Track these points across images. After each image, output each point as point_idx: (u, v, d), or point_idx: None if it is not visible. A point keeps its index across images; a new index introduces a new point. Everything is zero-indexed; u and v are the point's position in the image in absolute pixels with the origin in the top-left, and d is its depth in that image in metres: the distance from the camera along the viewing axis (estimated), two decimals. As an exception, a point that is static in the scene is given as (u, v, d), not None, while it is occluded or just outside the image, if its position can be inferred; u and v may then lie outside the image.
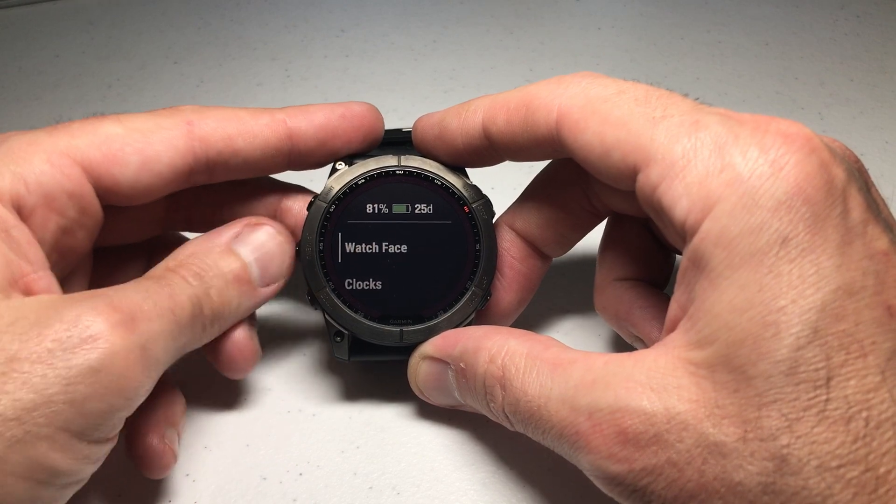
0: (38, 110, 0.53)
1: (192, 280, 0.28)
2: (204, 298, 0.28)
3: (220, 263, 0.29)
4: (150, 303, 0.26)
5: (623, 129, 0.25)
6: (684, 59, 0.57)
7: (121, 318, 0.24)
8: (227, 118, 0.31)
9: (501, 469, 0.32)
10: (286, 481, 0.32)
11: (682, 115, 0.24)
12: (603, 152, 0.25)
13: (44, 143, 0.27)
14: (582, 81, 0.27)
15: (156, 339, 0.26)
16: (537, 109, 0.27)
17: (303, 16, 0.62)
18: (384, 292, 0.31)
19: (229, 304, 0.29)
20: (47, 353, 0.23)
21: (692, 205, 0.23)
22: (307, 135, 0.31)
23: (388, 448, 0.33)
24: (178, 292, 0.27)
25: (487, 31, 0.60)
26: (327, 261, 0.31)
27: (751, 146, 0.22)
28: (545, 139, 0.27)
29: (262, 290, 0.31)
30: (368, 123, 0.32)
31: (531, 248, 0.33)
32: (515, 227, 0.33)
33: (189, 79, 0.56)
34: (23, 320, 0.23)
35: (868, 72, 0.55)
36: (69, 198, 0.27)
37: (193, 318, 0.27)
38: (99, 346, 0.23)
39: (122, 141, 0.28)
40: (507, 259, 0.33)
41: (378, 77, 0.56)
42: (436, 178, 0.32)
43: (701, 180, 0.23)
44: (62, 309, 0.24)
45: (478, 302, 0.32)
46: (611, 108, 0.25)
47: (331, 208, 0.31)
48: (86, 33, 0.61)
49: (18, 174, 0.26)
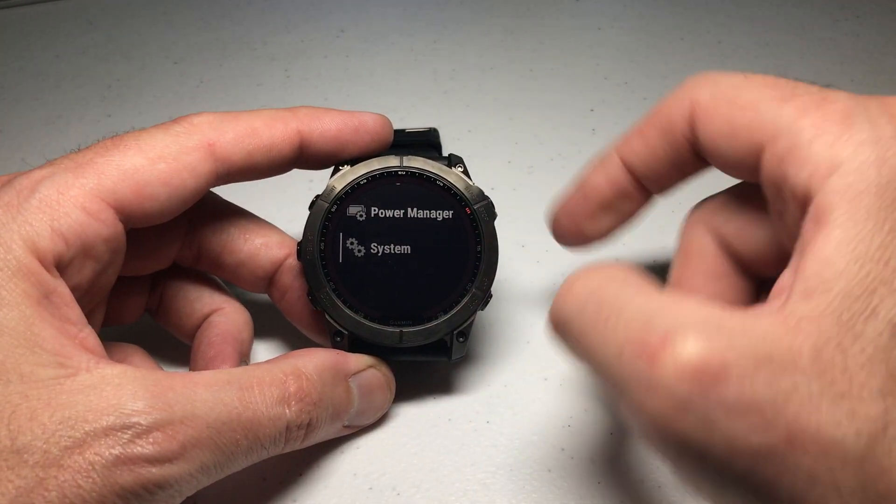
0: (38, 110, 0.53)
1: (306, 410, 0.28)
2: (299, 427, 0.28)
3: (336, 396, 0.29)
4: (223, 434, 0.25)
5: (752, 110, 0.25)
6: (684, 59, 0.57)
7: (174, 450, 0.24)
8: (245, 134, 0.30)
9: (501, 470, 0.32)
10: (286, 482, 0.32)
11: (811, 94, 0.24)
12: (731, 134, 0.25)
13: (74, 187, 0.26)
14: (710, 76, 0.27)
15: (209, 470, 0.25)
16: (672, 112, 0.27)
17: (303, 16, 0.62)
18: (385, 293, 0.31)
19: (315, 437, 0.29)
20: (89, 465, 0.22)
21: (818, 165, 0.22)
22: (318, 145, 0.31)
23: (388, 448, 0.33)
24: (275, 417, 0.27)
25: (487, 31, 0.60)
26: (328, 261, 0.31)
27: (879, 115, 0.22)
28: (684, 137, 0.27)
29: (343, 428, 0.31)
30: (380, 138, 0.32)
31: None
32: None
33: (189, 79, 0.56)
34: (76, 422, 0.23)
35: (868, 72, 0.55)
36: (104, 243, 0.27)
37: (273, 444, 0.27)
38: (142, 475, 0.23)
39: (148, 174, 0.28)
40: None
41: (378, 77, 0.56)
42: (438, 179, 0.32)
43: (829, 144, 0.22)
44: (121, 415, 0.23)
45: (478, 304, 0.32)
46: (739, 92, 0.25)
47: (332, 208, 0.31)
48: (86, 33, 0.61)
49: (57, 230, 0.26)
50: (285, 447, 0.28)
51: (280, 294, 0.34)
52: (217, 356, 0.32)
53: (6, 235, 0.25)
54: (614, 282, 0.23)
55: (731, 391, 0.19)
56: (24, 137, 0.51)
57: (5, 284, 0.24)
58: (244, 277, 0.33)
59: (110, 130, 0.50)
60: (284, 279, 0.33)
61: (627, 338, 0.21)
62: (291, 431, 0.28)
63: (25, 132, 0.51)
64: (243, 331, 0.34)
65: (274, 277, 0.34)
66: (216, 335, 0.33)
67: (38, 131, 0.51)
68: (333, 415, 0.30)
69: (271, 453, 0.28)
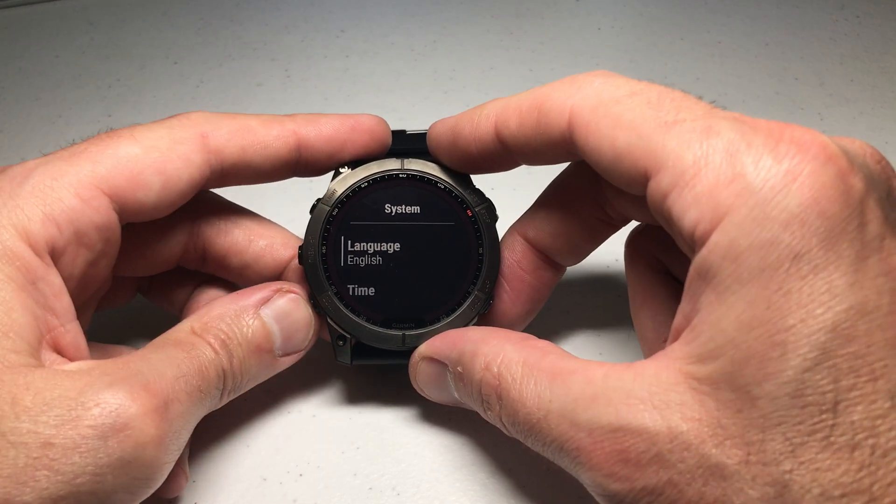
0: (38, 110, 0.53)
1: (219, 349, 0.28)
2: (228, 369, 0.28)
3: (246, 330, 0.29)
4: (182, 382, 0.26)
5: (634, 134, 0.24)
6: (684, 59, 0.57)
7: (155, 405, 0.24)
8: (238, 129, 0.30)
9: (501, 470, 0.32)
10: (286, 482, 0.32)
11: (695, 121, 0.23)
12: (614, 157, 0.25)
13: (68, 174, 0.27)
14: (595, 81, 0.26)
15: (185, 421, 0.26)
16: (549, 111, 0.27)
17: (303, 16, 0.62)
18: (387, 296, 0.31)
19: (247, 374, 0.30)
20: (81, 439, 0.22)
21: (701, 215, 0.22)
22: (315, 147, 0.31)
23: (388, 449, 0.33)
24: (206, 365, 0.27)
25: (487, 31, 0.60)
26: (330, 264, 0.31)
27: (764, 154, 0.22)
28: (558, 141, 0.27)
29: (282, 359, 0.31)
30: (377, 137, 0.32)
31: (543, 259, 0.33)
32: (528, 237, 0.32)
33: (189, 79, 0.56)
34: (60, 400, 0.23)
35: (868, 72, 0.55)
36: (98, 231, 0.27)
37: (218, 390, 0.28)
38: (132, 436, 0.23)
39: (142, 162, 0.28)
40: (517, 271, 0.32)
41: (378, 77, 0.56)
42: (439, 182, 0.32)
43: (711, 190, 0.22)
44: (99, 389, 0.23)
45: (480, 306, 0.32)
46: (622, 110, 0.25)
47: (333, 212, 0.31)
48: (86, 33, 0.61)
49: (50, 215, 0.26)
50: (224, 388, 0.28)
51: None
52: None
53: None
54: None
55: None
56: (24, 137, 0.51)
57: None
58: (250, 279, 0.33)
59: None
60: (289, 279, 0.33)
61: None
62: (226, 372, 0.28)
63: (25, 132, 0.51)
64: None
65: (279, 278, 0.33)
66: (205, 302, 0.33)
67: (38, 131, 0.51)
68: (253, 348, 0.29)
69: (217, 399, 0.28)
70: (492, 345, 0.27)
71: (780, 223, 0.21)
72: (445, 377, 0.30)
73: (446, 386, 0.30)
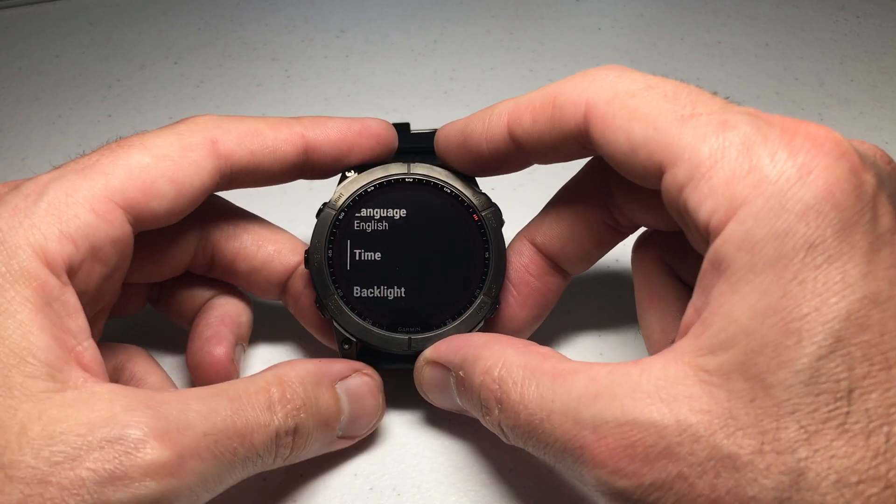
0: (38, 110, 0.53)
1: (282, 414, 0.27)
2: (287, 435, 0.27)
3: (321, 401, 0.29)
4: (212, 440, 0.24)
5: (650, 127, 0.24)
6: (684, 60, 0.57)
7: (167, 459, 0.23)
8: (247, 133, 0.30)
9: (503, 471, 0.32)
10: (287, 482, 0.32)
11: (711, 115, 0.23)
12: (630, 149, 0.25)
13: (82, 189, 0.26)
14: (610, 75, 0.26)
15: (203, 480, 0.24)
16: (564, 104, 0.27)
17: (303, 16, 0.62)
18: (393, 300, 0.31)
19: (311, 445, 0.29)
20: (78, 481, 0.22)
21: (717, 206, 0.22)
22: (323, 150, 0.31)
23: (388, 449, 0.33)
24: (253, 428, 0.26)
25: (487, 31, 0.60)
26: (336, 268, 0.31)
27: (779, 149, 0.22)
28: (573, 135, 0.27)
29: (339, 440, 0.31)
30: (384, 142, 0.32)
31: (550, 265, 0.32)
32: (536, 242, 0.32)
33: (189, 79, 0.56)
34: (66, 436, 0.22)
35: (868, 72, 0.55)
36: (113, 244, 0.27)
37: (269, 455, 0.27)
38: (129, 488, 0.22)
39: (154, 171, 0.28)
40: (525, 276, 0.32)
41: (378, 77, 0.55)
42: (445, 186, 0.32)
43: (727, 182, 0.22)
44: (113, 428, 0.23)
45: (486, 311, 0.32)
46: (639, 103, 0.25)
47: (339, 216, 0.31)
48: (86, 33, 0.61)
49: (66, 232, 0.25)
50: (277, 456, 0.28)
51: (293, 300, 0.34)
52: (214, 336, 0.32)
53: (12, 240, 0.25)
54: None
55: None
56: (24, 137, 0.51)
57: (6, 291, 0.24)
58: (258, 284, 0.33)
59: (110, 130, 0.51)
60: (297, 285, 0.33)
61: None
62: (281, 438, 0.27)
63: (26, 132, 0.51)
64: (241, 315, 0.34)
65: (287, 283, 0.33)
66: (214, 317, 0.33)
67: (38, 131, 0.51)
68: (322, 421, 0.29)
69: (266, 465, 0.27)
70: (493, 350, 0.27)
71: (796, 214, 0.21)
72: (449, 382, 0.30)
73: (450, 391, 0.30)
